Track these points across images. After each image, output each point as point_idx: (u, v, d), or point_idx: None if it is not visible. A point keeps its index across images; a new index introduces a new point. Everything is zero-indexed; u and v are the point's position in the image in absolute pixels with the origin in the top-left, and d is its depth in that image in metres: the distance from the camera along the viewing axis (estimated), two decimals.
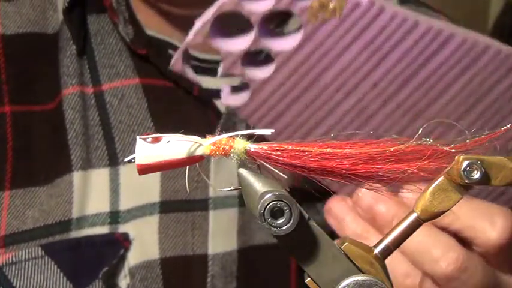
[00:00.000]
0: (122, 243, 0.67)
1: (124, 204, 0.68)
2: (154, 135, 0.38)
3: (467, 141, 0.39)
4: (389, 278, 0.38)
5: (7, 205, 0.67)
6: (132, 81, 0.71)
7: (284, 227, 0.35)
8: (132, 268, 0.66)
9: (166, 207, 0.69)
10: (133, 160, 0.38)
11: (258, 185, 0.38)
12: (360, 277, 0.37)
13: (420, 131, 0.40)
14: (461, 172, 0.37)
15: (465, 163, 0.37)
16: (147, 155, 0.38)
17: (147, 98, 0.70)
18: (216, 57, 0.70)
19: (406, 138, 0.39)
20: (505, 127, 0.40)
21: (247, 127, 0.69)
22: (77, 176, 0.68)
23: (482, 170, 0.37)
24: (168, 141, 0.38)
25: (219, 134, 0.67)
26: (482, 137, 0.39)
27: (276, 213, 0.35)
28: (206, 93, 0.71)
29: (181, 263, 0.68)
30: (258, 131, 0.39)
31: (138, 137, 0.38)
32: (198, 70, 0.71)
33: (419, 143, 0.39)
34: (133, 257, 0.67)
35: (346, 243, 0.38)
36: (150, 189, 0.69)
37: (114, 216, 0.68)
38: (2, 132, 0.68)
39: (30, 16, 0.72)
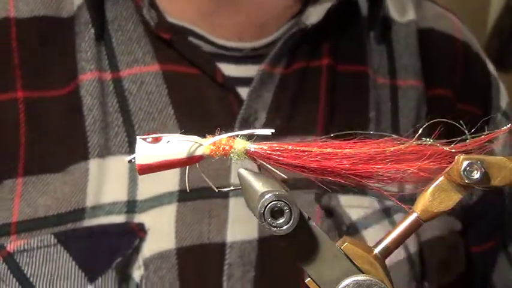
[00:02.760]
0: (137, 233, 0.65)
1: (142, 194, 0.67)
2: (154, 135, 0.38)
3: (467, 141, 0.39)
4: (389, 277, 0.38)
5: (20, 192, 0.65)
6: (151, 67, 0.70)
7: (284, 227, 0.35)
8: (147, 259, 0.65)
9: (184, 195, 0.67)
10: (133, 160, 0.38)
11: (258, 185, 0.38)
12: (360, 277, 0.37)
13: (420, 131, 0.40)
14: (461, 172, 0.37)
15: (465, 163, 0.37)
16: (147, 155, 0.38)
17: (167, 84, 0.69)
18: (239, 44, 0.71)
19: (406, 139, 0.39)
20: (505, 127, 0.40)
21: (268, 113, 0.69)
22: (93, 163, 0.66)
23: (482, 170, 0.37)
24: (168, 141, 0.38)
25: (239, 122, 0.67)
26: (482, 137, 0.39)
27: (276, 213, 0.35)
28: (229, 80, 0.70)
29: (197, 252, 0.66)
30: (258, 131, 0.39)
31: (138, 137, 0.38)
32: (221, 58, 0.70)
33: (419, 143, 0.39)
34: (148, 248, 0.65)
35: (346, 243, 0.38)
36: (169, 178, 0.67)
37: (131, 206, 0.66)
38: (14, 118, 0.67)
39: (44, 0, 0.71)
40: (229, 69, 0.70)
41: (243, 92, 0.69)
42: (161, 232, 0.66)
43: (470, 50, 0.81)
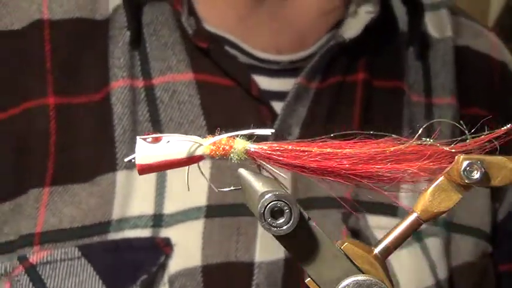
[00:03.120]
0: (162, 248, 0.63)
1: (168, 208, 0.64)
2: (154, 135, 0.38)
3: (467, 141, 0.39)
4: (389, 277, 0.38)
5: (46, 201, 0.64)
6: (185, 76, 0.68)
7: (284, 227, 0.35)
8: (172, 276, 0.63)
9: (212, 211, 0.65)
10: (133, 160, 0.38)
11: (258, 185, 0.38)
12: (360, 277, 0.37)
13: (420, 131, 0.40)
14: (461, 172, 0.37)
15: (465, 163, 0.37)
16: (147, 155, 0.38)
17: (200, 95, 0.67)
18: (277, 57, 0.69)
19: (406, 139, 0.39)
20: (505, 127, 0.40)
21: (302, 129, 0.68)
22: (121, 175, 0.64)
23: (482, 170, 0.37)
24: (168, 141, 0.38)
25: (272, 137, 0.62)
26: (482, 137, 0.39)
27: (276, 213, 0.35)
28: (264, 93, 0.68)
29: (224, 270, 0.64)
30: (258, 131, 0.39)
31: (138, 137, 0.38)
32: (257, 70, 0.69)
33: (419, 143, 0.39)
34: (174, 264, 0.63)
35: (346, 243, 0.38)
36: (197, 192, 0.65)
37: (157, 220, 0.64)
38: (45, 125, 0.65)
39: (78, 0, 0.68)
40: (264, 82, 0.69)
41: (277, 105, 0.68)
42: (187, 248, 0.64)
43: (507, 70, 0.79)
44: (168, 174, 0.66)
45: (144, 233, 0.63)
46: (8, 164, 0.64)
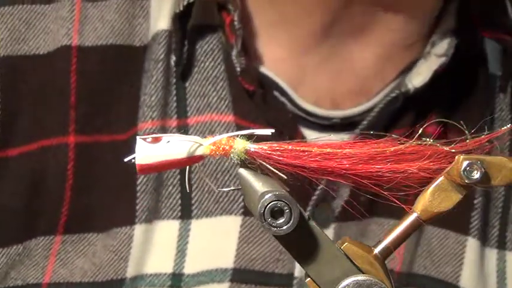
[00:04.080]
0: None
1: (190, 267, 0.59)
2: (154, 135, 0.38)
3: (467, 141, 0.39)
4: (389, 277, 0.38)
5: (56, 251, 0.59)
6: (225, 117, 0.61)
7: (284, 227, 0.35)
8: None
9: (239, 275, 0.59)
10: (133, 160, 0.38)
11: (258, 185, 0.38)
12: (360, 277, 0.37)
13: (420, 131, 0.40)
14: (461, 172, 0.37)
15: (465, 163, 0.37)
16: (147, 155, 0.38)
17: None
18: (329, 113, 0.62)
19: (406, 139, 0.39)
20: (505, 127, 0.40)
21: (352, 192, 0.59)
22: (139, 229, 0.59)
23: (482, 170, 0.37)
24: (168, 141, 0.38)
25: (316, 199, 0.58)
26: (482, 137, 0.39)
27: (276, 213, 0.35)
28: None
29: None
30: (258, 131, 0.39)
31: (138, 137, 0.38)
32: (306, 122, 0.63)
33: (420, 143, 0.39)
34: None
35: (346, 243, 0.38)
36: (224, 252, 0.60)
37: (177, 279, 0.59)
38: (62, 167, 0.59)
39: (115, 24, 0.61)
40: (313, 136, 0.62)
41: None
42: None
43: None
44: (192, 226, 0.60)
45: None
46: (19, 204, 0.60)
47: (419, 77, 0.61)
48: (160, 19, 0.62)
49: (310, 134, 0.62)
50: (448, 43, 0.62)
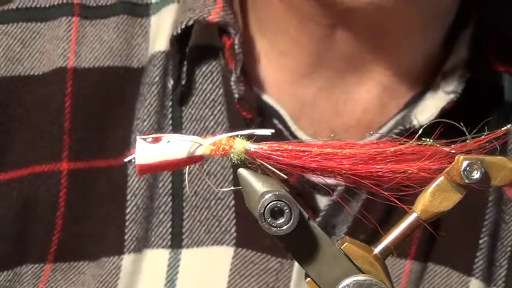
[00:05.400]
0: None
1: None
2: (154, 135, 0.38)
3: (467, 141, 0.39)
4: (389, 278, 0.38)
5: (46, 279, 0.58)
6: None
7: (284, 227, 0.35)
8: None
9: None
10: (133, 160, 0.38)
11: (258, 185, 0.38)
12: (360, 277, 0.37)
13: (420, 131, 0.40)
14: (461, 172, 0.37)
15: (465, 163, 0.37)
16: (147, 155, 0.38)
17: (234, 169, 0.57)
18: None
19: (406, 139, 0.39)
20: (505, 127, 0.40)
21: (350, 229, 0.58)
22: (127, 259, 0.58)
23: (482, 170, 0.37)
24: (168, 141, 0.38)
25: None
26: (482, 137, 0.39)
27: (276, 213, 0.35)
28: (308, 183, 0.58)
29: None
30: (258, 131, 0.39)
31: (138, 137, 0.38)
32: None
33: (420, 143, 0.39)
34: None
35: (346, 243, 0.38)
36: (215, 284, 0.58)
37: None
38: (54, 195, 0.58)
39: (113, 44, 0.59)
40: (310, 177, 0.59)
41: (322, 201, 0.59)
42: None
43: None
44: (182, 256, 0.59)
45: None
46: (10, 230, 0.58)
47: (425, 113, 0.59)
48: (158, 40, 0.60)
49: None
50: (459, 77, 0.59)
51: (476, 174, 0.37)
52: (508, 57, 0.60)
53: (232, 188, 0.42)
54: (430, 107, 0.59)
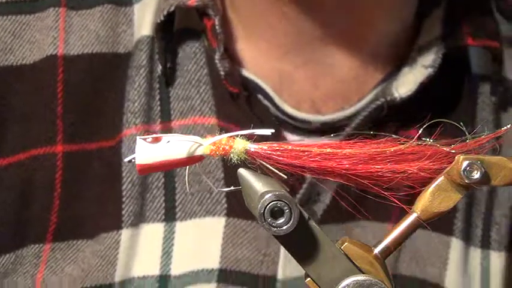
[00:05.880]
0: None
1: (176, 268, 0.59)
2: (154, 135, 0.38)
3: (468, 141, 0.39)
4: (389, 278, 0.38)
5: (46, 259, 0.59)
6: (208, 120, 0.61)
7: (284, 227, 0.35)
8: None
9: (225, 276, 0.60)
10: (133, 160, 0.38)
11: (258, 185, 0.38)
12: (360, 277, 0.37)
13: (420, 131, 0.40)
14: (461, 172, 0.37)
15: (465, 163, 0.37)
16: (147, 155, 0.38)
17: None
18: (311, 117, 0.62)
19: (406, 139, 0.39)
20: (505, 127, 0.40)
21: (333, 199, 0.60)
22: (125, 233, 0.59)
23: (482, 170, 0.37)
24: (168, 141, 0.38)
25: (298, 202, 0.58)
26: (483, 137, 0.39)
27: (276, 213, 0.35)
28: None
29: None
30: (258, 131, 0.39)
31: (138, 137, 0.38)
32: (289, 127, 0.63)
33: (420, 143, 0.39)
34: None
35: (346, 243, 0.38)
36: (209, 253, 0.60)
37: (163, 281, 0.59)
38: (50, 177, 0.60)
39: (99, 32, 0.61)
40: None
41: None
42: None
43: None
44: (177, 228, 0.61)
45: None
46: (10, 214, 0.60)
47: (405, 87, 0.61)
48: (143, 26, 0.62)
49: (292, 138, 0.62)
50: (435, 52, 0.61)
51: (476, 174, 0.37)
52: (478, 32, 0.63)
53: (232, 188, 0.42)
54: (410, 80, 0.61)
